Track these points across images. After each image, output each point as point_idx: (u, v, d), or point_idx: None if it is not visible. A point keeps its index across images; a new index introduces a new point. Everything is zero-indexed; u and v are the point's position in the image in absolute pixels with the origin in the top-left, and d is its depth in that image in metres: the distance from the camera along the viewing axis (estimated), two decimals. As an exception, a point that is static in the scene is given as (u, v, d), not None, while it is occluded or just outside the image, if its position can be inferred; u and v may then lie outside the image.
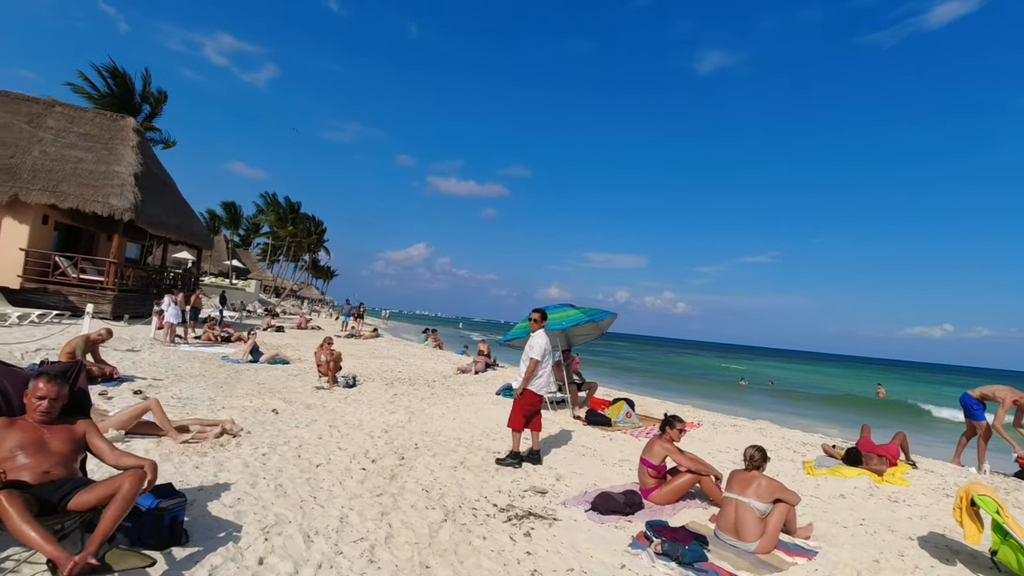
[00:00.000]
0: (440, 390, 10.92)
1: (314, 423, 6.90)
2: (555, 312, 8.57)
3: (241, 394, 8.35)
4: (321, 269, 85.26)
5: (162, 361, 10.71)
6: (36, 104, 19.74)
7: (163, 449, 4.85)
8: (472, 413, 8.71)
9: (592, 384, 9.96)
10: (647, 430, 8.23)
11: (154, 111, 28.70)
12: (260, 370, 11.47)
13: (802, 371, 58.28)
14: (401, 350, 19.50)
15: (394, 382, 11.49)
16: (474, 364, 14.07)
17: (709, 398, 20.53)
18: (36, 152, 17.79)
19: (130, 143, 19.66)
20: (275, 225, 53.71)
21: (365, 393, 9.75)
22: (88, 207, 16.76)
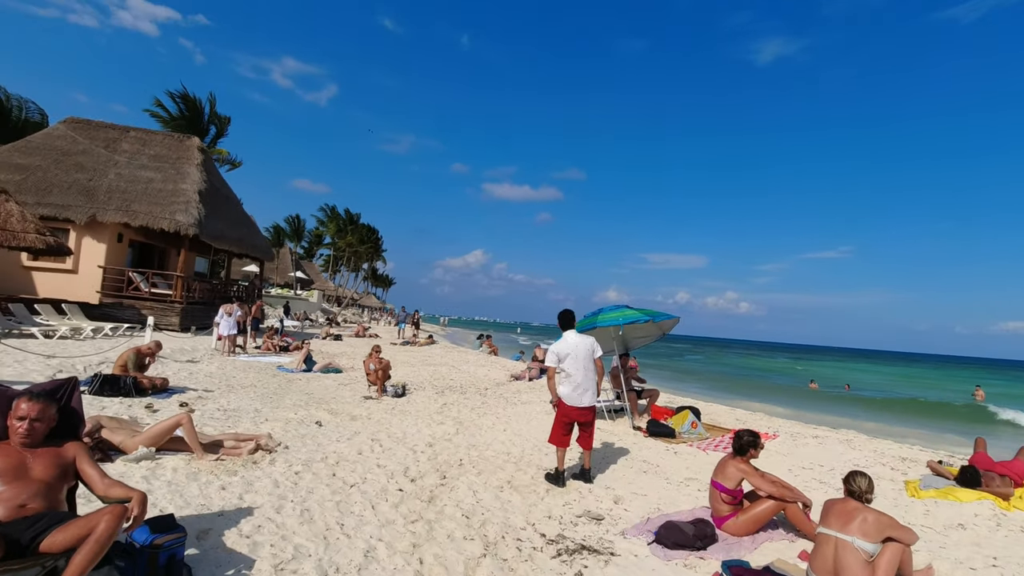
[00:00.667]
0: (491, 399, 10.46)
1: (356, 436, 6.58)
2: (610, 312, 7.91)
3: (288, 405, 8.20)
4: (380, 278, 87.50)
5: (218, 372, 10.83)
6: (113, 130, 21.03)
7: (192, 467, 4.61)
8: (523, 424, 8.18)
9: (653, 391, 9.20)
10: (716, 442, 7.42)
11: (220, 132, 30.13)
12: (312, 380, 11.42)
13: (881, 373, 53.80)
14: (455, 357, 19.26)
15: (445, 390, 11.14)
16: (528, 370, 13.55)
17: (779, 403, 19.07)
18: (112, 175, 18.86)
19: (195, 162, 20.53)
20: (335, 236, 55.41)
21: (413, 403, 9.43)
22: (156, 224, 17.55)
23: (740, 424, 9.16)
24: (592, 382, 5.43)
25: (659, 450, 7.04)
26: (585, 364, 5.44)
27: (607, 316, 7.71)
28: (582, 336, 5.53)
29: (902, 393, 29.90)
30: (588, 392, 5.42)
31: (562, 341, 5.54)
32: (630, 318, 7.58)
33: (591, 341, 5.48)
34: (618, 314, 7.80)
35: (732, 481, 4.40)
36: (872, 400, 24.95)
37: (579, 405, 5.43)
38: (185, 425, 4.77)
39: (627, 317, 7.66)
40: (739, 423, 9.28)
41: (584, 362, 5.45)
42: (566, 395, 5.48)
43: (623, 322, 7.61)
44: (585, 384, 5.42)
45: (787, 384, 31.52)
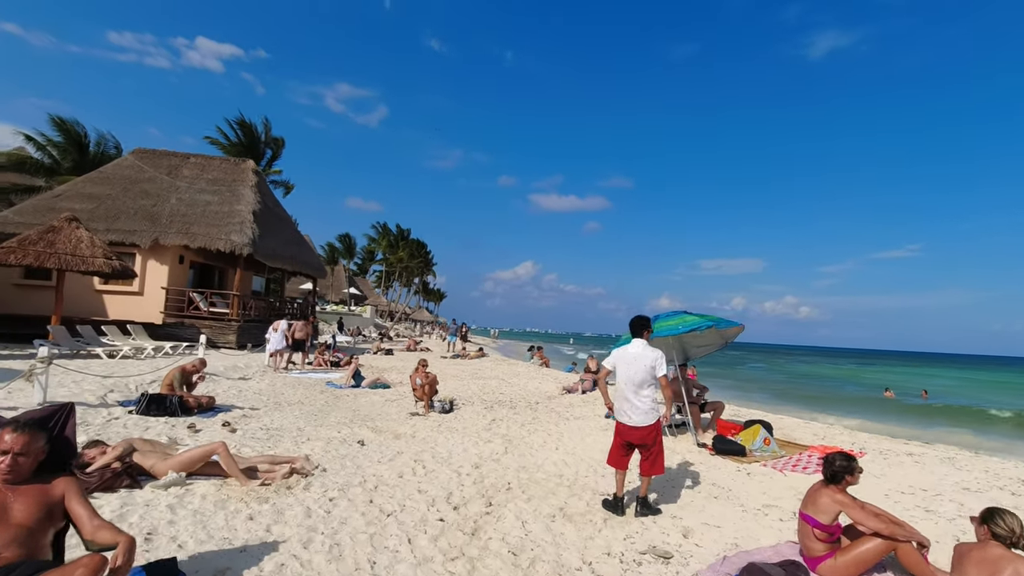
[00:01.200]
0: (543, 413, 9.93)
1: (399, 457, 6.22)
2: (667, 320, 7.25)
3: (332, 423, 7.97)
4: (431, 292, 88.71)
5: (267, 389, 10.82)
6: (175, 158, 22.07)
7: (222, 494, 4.34)
8: (577, 441, 7.61)
9: (718, 403, 8.41)
10: (793, 461, 6.60)
11: (275, 154, 31.23)
12: (360, 395, 11.25)
13: (960, 378, 49.12)
14: (505, 370, 18.85)
15: (494, 405, 10.70)
16: (580, 383, 12.94)
17: (854, 414, 17.53)
18: (173, 199, 19.71)
19: (249, 183, 21.21)
20: (387, 252, 56.50)
21: (461, 419, 9.03)
22: (213, 244, 18.13)
23: (818, 440, 8.24)
24: (646, 400, 4.83)
25: (729, 471, 6.31)
26: (636, 379, 4.86)
27: (664, 324, 7.06)
28: (648, 348, 4.94)
29: (989, 401, 27.02)
30: (638, 411, 4.82)
31: (623, 347, 5.03)
32: (690, 325, 6.88)
33: (655, 356, 4.86)
34: (676, 321, 7.14)
35: (827, 515, 3.70)
36: (958, 409, 22.62)
37: (626, 423, 4.88)
38: (222, 453, 4.53)
39: (687, 324, 6.98)
40: (816, 438, 8.36)
41: (635, 375, 4.87)
42: (616, 410, 4.96)
43: (683, 330, 6.92)
44: (634, 400, 4.85)
45: (858, 393, 29.28)
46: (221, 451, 4.51)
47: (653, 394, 4.86)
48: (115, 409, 7.21)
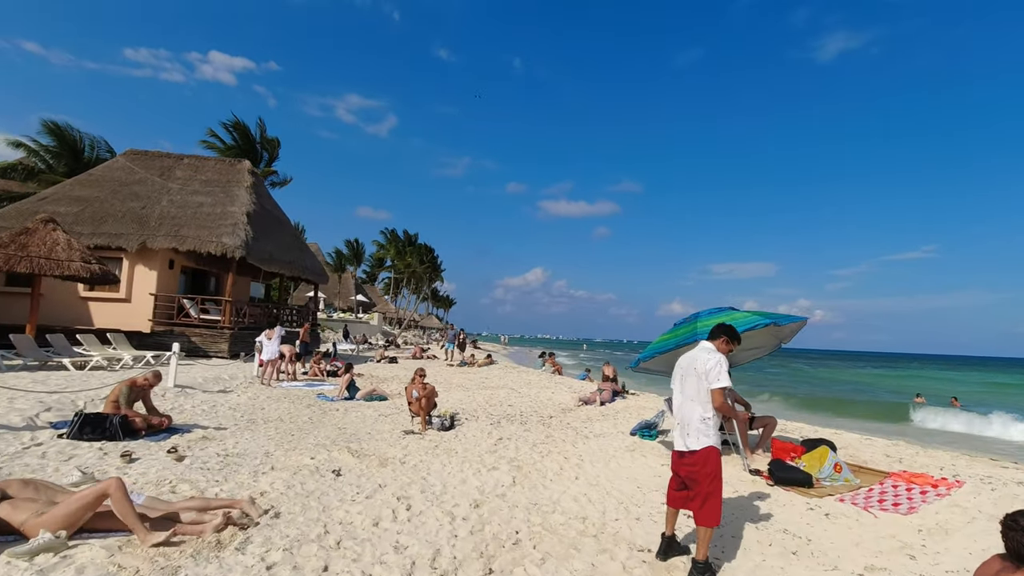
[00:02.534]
0: (557, 430, 8.63)
1: (380, 492, 4.96)
2: (711, 318, 5.93)
3: (310, 445, 6.73)
4: (441, 299, 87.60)
5: (247, 403, 9.62)
6: (169, 159, 21.11)
7: (116, 562, 3.09)
8: (600, 467, 6.29)
9: (769, 419, 7.04)
10: (877, 494, 5.24)
11: (272, 156, 30.31)
12: (351, 409, 10.02)
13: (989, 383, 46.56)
14: (515, 378, 17.54)
15: (501, 420, 9.41)
16: (599, 393, 11.61)
17: (891, 423, 15.99)
18: (164, 201, 18.71)
19: (244, 184, 20.18)
20: (395, 258, 55.56)
21: (463, 438, 7.76)
22: (204, 247, 17.06)
23: (892, 462, 6.83)
24: (695, 419, 3.58)
25: (798, 509, 4.97)
26: (688, 390, 3.65)
27: (709, 322, 5.76)
28: (705, 351, 3.69)
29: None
30: (685, 432, 3.62)
31: (689, 354, 3.82)
32: (743, 323, 5.57)
33: (711, 361, 3.58)
34: (723, 318, 5.82)
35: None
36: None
37: (675, 447, 3.76)
38: (113, 496, 3.29)
39: (738, 322, 5.66)
40: (891, 460, 6.95)
41: (686, 386, 3.70)
42: (680, 435, 3.74)
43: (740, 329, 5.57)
44: (683, 418, 3.67)
45: (886, 399, 27.50)
46: (113, 492, 3.28)
47: (702, 410, 3.58)
48: (42, 432, 6.01)
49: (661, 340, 6.22)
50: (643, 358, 6.16)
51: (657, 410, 9.43)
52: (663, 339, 6.21)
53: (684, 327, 6.07)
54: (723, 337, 3.77)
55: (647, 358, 6.12)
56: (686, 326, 6.06)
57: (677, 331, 6.09)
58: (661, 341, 6.17)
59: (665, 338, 6.17)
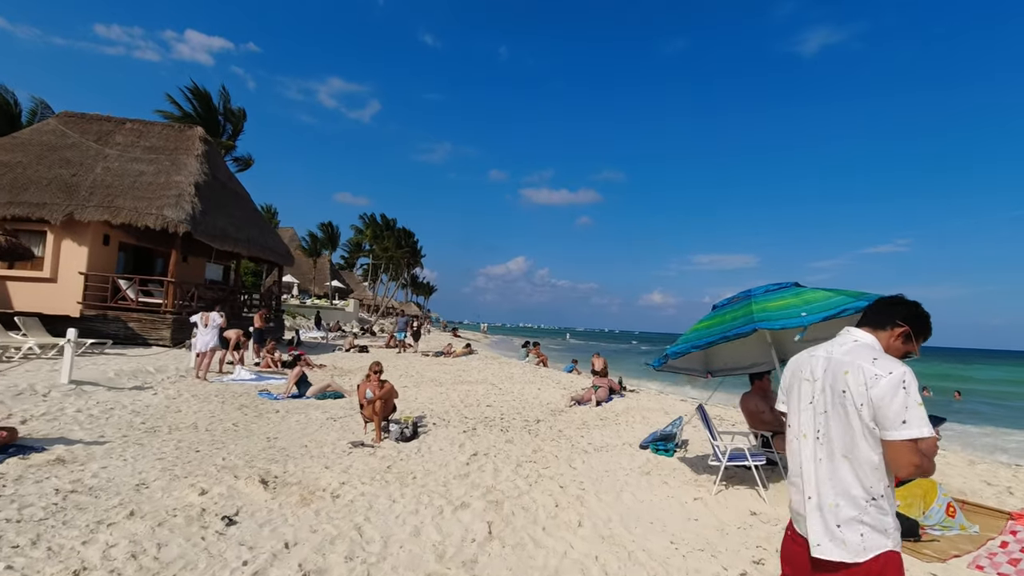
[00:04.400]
0: (547, 440, 6.90)
1: (280, 562, 3.19)
2: (775, 298, 4.16)
3: (214, 467, 4.91)
4: (421, 285, 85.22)
5: (161, 405, 7.73)
6: (108, 123, 18.71)
7: None
8: (611, 501, 4.58)
9: None
10: (1019, 550, 3.63)
11: (236, 129, 27.90)
12: (295, 410, 8.20)
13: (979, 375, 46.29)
14: (496, 371, 15.79)
15: (478, 426, 7.66)
16: (593, 391, 9.90)
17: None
18: (99, 169, 16.43)
19: (194, 152, 17.95)
20: (373, 242, 53.33)
21: (426, 453, 6.01)
22: (141, 220, 14.90)
23: (1003, 495, 5.22)
24: (851, 496, 1.77)
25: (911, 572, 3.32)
26: (831, 435, 1.82)
27: (774, 305, 4.01)
28: (866, 351, 1.81)
29: None
30: (824, 519, 1.78)
31: (802, 353, 2.02)
32: (830, 307, 3.74)
33: (894, 379, 1.72)
34: (793, 299, 4.05)
35: None
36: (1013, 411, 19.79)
37: (801, 534, 1.86)
38: None
39: (824, 305, 3.83)
40: (997, 491, 5.33)
41: (825, 426, 1.83)
42: (791, 504, 1.96)
43: (820, 315, 3.81)
44: (819, 491, 1.82)
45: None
46: None
47: (867, 479, 1.80)
48: None
49: (699, 329, 4.46)
50: (674, 354, 4.39)
51: (669, 414, 7.79)
52: (703, 327, 4.46)
53: (733, 310, 4.33)
54: (903, 328, 1.95)
55: (680, 354, 4.34)
56: (736, 309, 4.33)
57: (722, 316, 4.37)
58: (700, 330, 4.41)
59: (706, 326, 4.44)
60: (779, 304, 4.03)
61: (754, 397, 5.31)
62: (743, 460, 4.65)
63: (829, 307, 3.79)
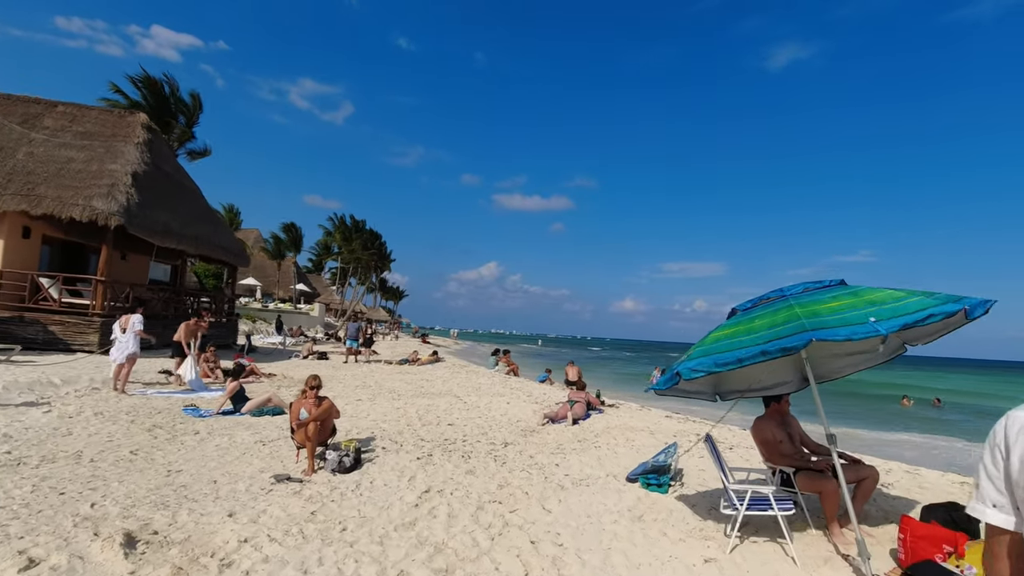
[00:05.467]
0: (515, 471, 5.79)
1: None
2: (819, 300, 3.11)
3: (77, 518, 3.67)
4: (390, 290, 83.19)
5: (50, 424, 6.37)
6: (36, 105, 16.92)
7: None
8: (598, 567, 3.50)
9: (867, 469, 4.27)
10: None
11: (191, 120, 26.11)
12: (220, 431, 6.91)
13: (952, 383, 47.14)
14: (463, 381, 14.62)
15: (435, 450, 6.51)
16: (569, 406, 8.83)
17: (897, 430, 14.07)
18: (21, 154, 14.73)
19: (135, 139, 16.35)
20: (341, 245, 51.51)
21: (367, 490, 4.84)
22: (65, 211, 13.31)
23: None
24: None
25: None
26: None
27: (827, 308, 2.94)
28: None
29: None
30: None
31: None
32: (910, 311, 2.68)
33: None
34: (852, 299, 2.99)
35: None
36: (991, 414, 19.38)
37: None
38: None
39: (896, 309, 2.76)
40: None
41: None
42: None
43: (898, 322, 2.84)
44: None
45: (869, 400, 25.94)
46: None
47: None
48: None
49: (721, 339, 3.31)
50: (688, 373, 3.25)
51: (656, 435, 6.79)
52: (724, 336, 3.33)
53: (766, 315, 3.20)
54: None
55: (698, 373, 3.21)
56: (771, 313, 3.20)
57: (749, 322, 3.27)
58: (722, 340, 3.27)
59: (729, 334, 3.33)
60: (834, 306, 3.01)
61: (769, 424, 4.32)
62: (766, 507, 3.64)
63: (908, 311, 2.79)
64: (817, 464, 4.08)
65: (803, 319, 2.92)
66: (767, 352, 2.88)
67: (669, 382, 3.39)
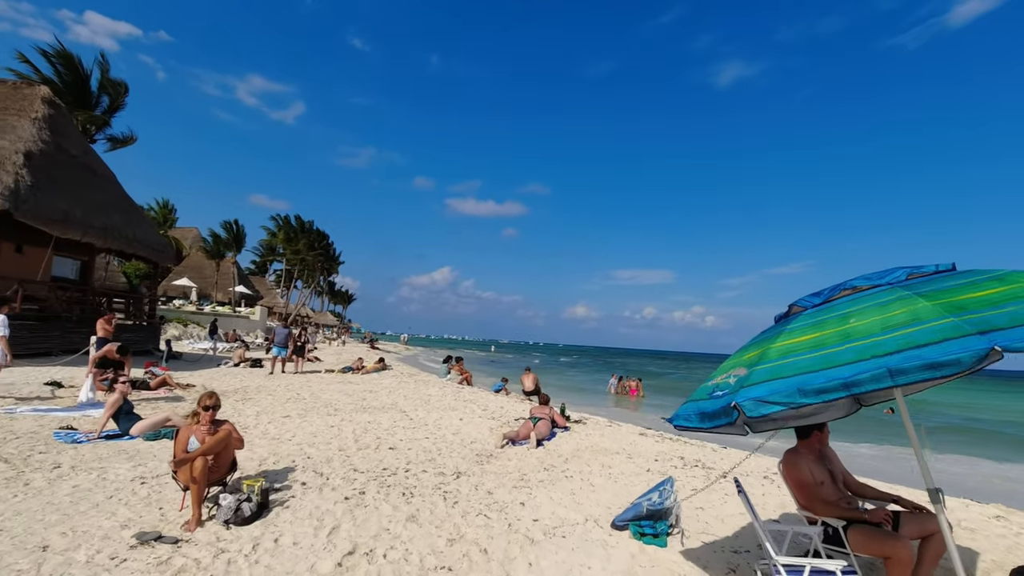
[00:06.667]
0: (470, 515, 4.56)
1: None
2: (949, 290, 2.03)
3: None
4: (338, 293, 79.87)
5: None
6: (-87, 72, 14.53)
7: None
8: None
9: (930, 519, 3.32)
10: None
11: (114, 105, 23.56)
12: (90, 463, 5.37)
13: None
14: (411, 392, 13.22)
15: (369, 485, 5.20)
16: (530, 424, 7.64)
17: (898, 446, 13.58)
18: None
19: (31, 114, 14.21)
20: (285, 245, 48.75)
21: (266, 553, 3.51)
22: (-70, 193, 11.18)
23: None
24: None
25: None
26: None
27: (991, 295, 1.87)
28: None
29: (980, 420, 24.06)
30: None
31: None
32: None
33: None
34: (976, 290, 1.98)
35: None
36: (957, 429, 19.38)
37: None
38: None
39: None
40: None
41: None
42: None
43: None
44: None
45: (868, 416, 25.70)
46: None
47: None
48: None
49: (794, 348, 2.09)
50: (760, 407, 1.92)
51: (635, 459, 5.73)
52: (805, 343, 2.11)
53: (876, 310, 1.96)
54: None
55: (774, 408, 1.99)
56: (884, 306, 1.95)
57: (842, 322, 2.00)
58: (799, 352, 2.03)
59: (809, 340, 2.12)
60: (990, 296, 1.91)
61: (806, 459, 3.30)
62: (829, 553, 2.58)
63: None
64: (874, 515, 3.07)
65: (951, 316, 1.86)
66: (911, 369, 1.76)
67: (716, 419, 2.26)
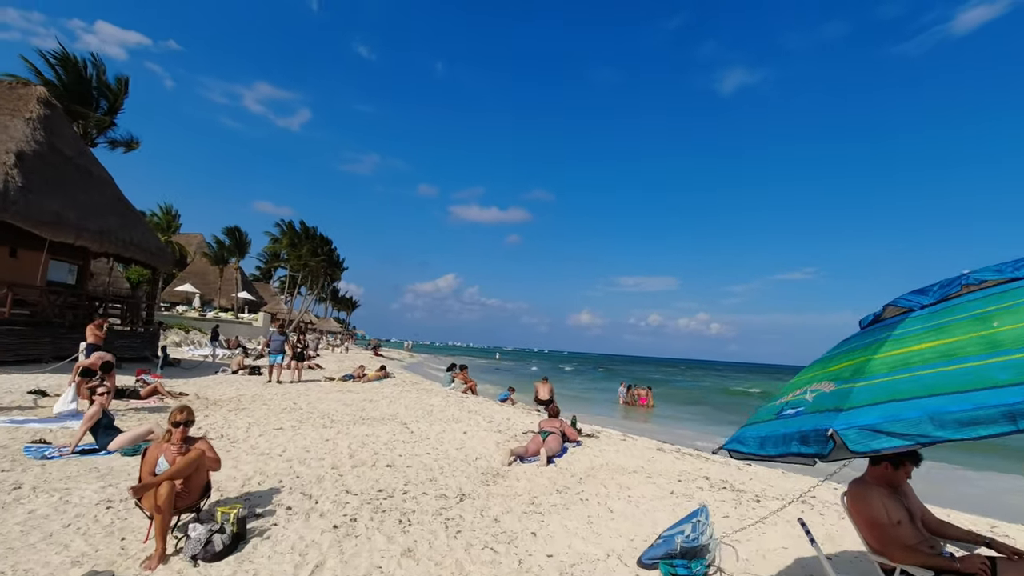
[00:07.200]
0: (475, 548, 4.01)
1: None
2: None
3: None
4: (342, 300, 79.47)
5: None
6: (-94, 71, 14.22)
7: None
8: None
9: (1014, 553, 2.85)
10: None
11: (114, 107, 23.28)
12: (55, 483, 4.85)
13: None
14: (412, 402, 12.67)
15: (361, 511, 4.65)
16: (540, 439, 7.08)
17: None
18: None
19: (26, 114, 13.86)
20: (288, 250, 48.43)
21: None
22: (-85, 193, 10.78)
23: None
24: None
25: None
26: None
27: None
28: None
29: None
30: None
31: None
32: None
33: None
34: None
35: None
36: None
37: None
38: None
39: None
40: None
41: None
42: None
43: None
44: None
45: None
46: None
47: None
48: None
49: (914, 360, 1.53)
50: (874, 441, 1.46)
51: (655, 479, 5.18)
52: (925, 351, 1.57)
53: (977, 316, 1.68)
54: None
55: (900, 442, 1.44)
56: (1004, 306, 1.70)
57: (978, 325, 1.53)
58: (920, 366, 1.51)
59: (932, 350, 1.58)
60: None
61: (878, 494, 2.74)
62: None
63: None
64: (968, 564, 2.51)
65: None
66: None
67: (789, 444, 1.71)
